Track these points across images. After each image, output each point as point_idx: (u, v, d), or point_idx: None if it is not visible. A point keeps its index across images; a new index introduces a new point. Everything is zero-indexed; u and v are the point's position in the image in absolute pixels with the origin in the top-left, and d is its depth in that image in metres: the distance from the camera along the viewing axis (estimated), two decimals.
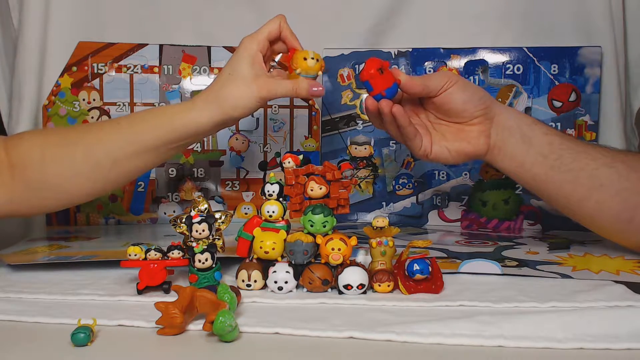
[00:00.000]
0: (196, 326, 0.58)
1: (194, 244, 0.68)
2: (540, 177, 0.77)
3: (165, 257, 0.69)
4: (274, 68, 0.79)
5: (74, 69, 1.04)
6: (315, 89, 0.75)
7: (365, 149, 1.07)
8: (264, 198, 0.71)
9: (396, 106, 0.74)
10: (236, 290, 0.62)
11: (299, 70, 0.75)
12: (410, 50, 1.06)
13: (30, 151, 0.78)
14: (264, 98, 0.74)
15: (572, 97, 1.02)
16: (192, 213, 0.69)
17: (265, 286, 0.69)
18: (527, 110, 1.03)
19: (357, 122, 1.07)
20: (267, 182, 0.71)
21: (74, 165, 0.78)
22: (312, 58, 0.75)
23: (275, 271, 0.68)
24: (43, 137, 0.82)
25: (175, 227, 0.70)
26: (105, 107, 1.05)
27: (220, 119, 0.75)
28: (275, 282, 0.68)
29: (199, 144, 1.07)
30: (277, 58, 0.91)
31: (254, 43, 0.75)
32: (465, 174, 1.05)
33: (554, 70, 1.02)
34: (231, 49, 1.07)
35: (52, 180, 0.78)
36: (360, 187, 1.07)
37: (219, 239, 0.70)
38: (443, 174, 1.06)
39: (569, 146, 0.76)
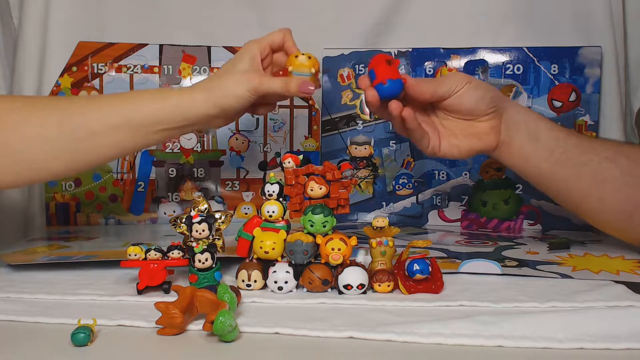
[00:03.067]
0: (196, 326, 0.58)
1: (194, 244, 0.68)
2: (545, 172, 0.77)
3: (165, 257, 0.69)
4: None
5: (74, 69, 1.04)
6: (309, 87, 0.73)
7: (365, 149, 1.07)
8: (264, 198, 0.71)
9: (406, 109, 0.72)
10: (236, 290, 0.62)
11: (291, 67, 0.75)
12: (410, 50, 1.06)
13: (6, 108, 0.73)
14: (254, 88, 0.73)
15: (572, 97, 1.02)
16: (192, 213, 0.69)
17: (265, 286, 0.69)
18: None
19: (357, 122, 1.07)
20: (267, 182, 0.71)
21: (43, 129, 0.71)
22: (303, 55, 0.75)
23: (275, 271, 0.68)
24: (10, 99, 0.77)
25: (175, 227, 0.70)
26: None
27: (210, 106, 0.73)
28: (275, 282, 0.68)
29: (199, 144, 1.07)
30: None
31: (255, 45, 0.76)
32: (465, 174, 1.05)
33: (554, 70, 1.02)
34: (231, 49, 1.07)
35: (13, 146, 0.71)
36: (360, 187, 1.07)
37: (219, 239, 0.70)
38: (443, 174, 1.06)
39: (574, 142, 0.76)
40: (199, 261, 0.67)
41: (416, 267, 0.66)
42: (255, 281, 0.69)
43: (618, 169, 0.75)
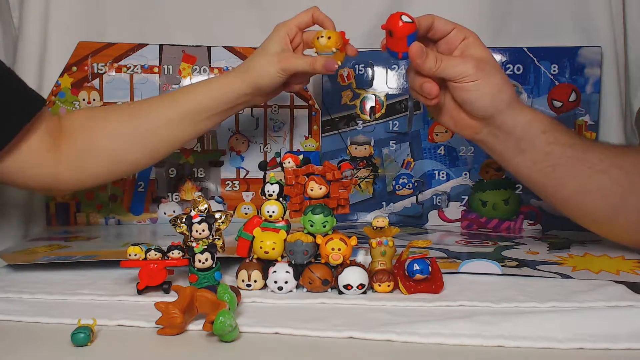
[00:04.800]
0: (196, 326, 0.58)
1: (194, 244, 0.68)
2: (523, 176, 0.76)
3: (165, 257, 0.69)
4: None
5: (74, 69, 1.04)
6: (334, 65, 0.79)
7: (365, 149, 1.07)
8: (264, 198, 0.71)
9: (433, 87, 0.71)
10: (236, 290, 0.62)
11: (315, 50, 0.81)
12: None
13: (78, 116, 0.88)
14: (284, 69, 0.81)
15: (572, 97, 1.02)
16: (192, 213, 0.69)
17: (265, 286, 0.69)
18: None
19: (357, 122, 1.07)
20: (267, 182, 0.71)
21: (117, 126, 0.85)
22: (323, 37, 0.80)
23: (275, 271, 0.68)
24: (90, 108, 0.99)
25: (175, 227, 0.70)
26: None
27: (248, 86, 0.82)
28: (275, 282, 0.68)
29: (199, 144, 1.07)
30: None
31: (283, 27, 0.83)
32: (465, 174, 1.05)
33: (554, 70, 1.02)
34: (231, 49, 1.07)
35: (97, 141, 0.85)
36: (360, 187, 1.07)
37: (219, 239, 0.70)
38: (443, 174, 1.06)
39: (569, 154, 0.73)
40: (199, 261, 0.67)
41: (416, 267, 0.66)
42: (255, 281, 0.69)
43: (609, 180, 0.73)
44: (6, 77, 0.82)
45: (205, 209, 0.71)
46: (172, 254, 0.69)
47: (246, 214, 1.07)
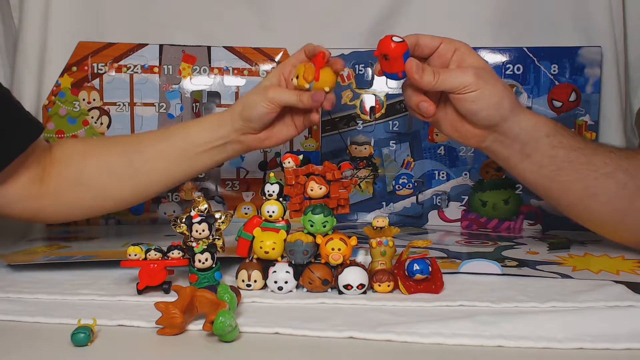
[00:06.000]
0: (196, 326, 0.58)
1: (194, 244, 0.68)
2: (529, 181, 0.77)
3: (165, 257, 0.69)
4: None
5: (74, 69, 1.04)
6: (319, 97, 0.76)
7: (365, 149, 1.07)
8: (264, 198, 0.72)
9: (430, 106, 0.72)
10: (236, 290, 0.62)
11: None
12: None
13: (73, 146, 0.85)
14: (270, 99, 0.78)
15: (572, 97, 1.02)
16: (192, 213, 0.69)
17: (265, 286, 0.69)
18: None
19: (357, 122, 1.07)
20: (267, 182, 0.71)
21: (110, 160, 0.83)
22: (293, 78, 0.76)
23: (275, 271, 0.68)
24: (85, 138, 0.96)
25: (175, 227, 0.70)
26: (105, 107, 1.05)
27: (238, 119, 0.80)
28: (275, 282, 0.68)
29: None
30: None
31: (277, 67, 0.83)
32: (465, 174, 1.05)
33: (554, 70, 1.02)
34: (231, 49, 1.07)
35: (89, 174, 0.82)
36: (360, 187, 1.07)
37: (219, 239, 0.70)
38: (443, 174, 1.06)
39: (574, 158, 0.73)
40: (199, 261, 0.67)
41: (416, 267, 0.66)
42: (255, 281, 0.69)
43: (614, 184, 0.73)
44: (3, 99, 0.78)
45: (205, 209, 0.71)
46: (172, 254, 0.69)
47: (246, 214, 1.07)
